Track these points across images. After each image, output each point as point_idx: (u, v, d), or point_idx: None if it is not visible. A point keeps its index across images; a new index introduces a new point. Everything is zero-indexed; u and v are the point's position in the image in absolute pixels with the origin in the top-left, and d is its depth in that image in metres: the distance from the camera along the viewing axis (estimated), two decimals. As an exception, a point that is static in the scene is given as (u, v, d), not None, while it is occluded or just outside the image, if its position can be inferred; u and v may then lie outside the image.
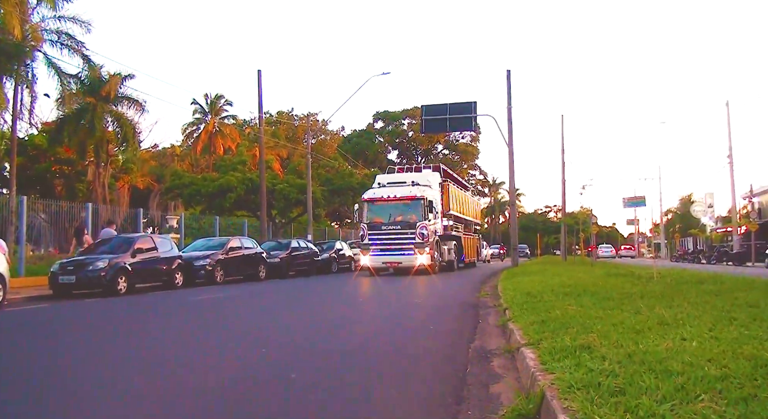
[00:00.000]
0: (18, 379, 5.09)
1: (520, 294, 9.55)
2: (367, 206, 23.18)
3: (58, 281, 14.47)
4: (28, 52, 25.73)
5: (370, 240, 22.56)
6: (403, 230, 22.20)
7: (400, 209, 22.76)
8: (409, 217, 22.42)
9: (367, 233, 22.68)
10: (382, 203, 23.00)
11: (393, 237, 22.25)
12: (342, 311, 10.68)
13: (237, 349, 6.41)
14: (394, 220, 22.59)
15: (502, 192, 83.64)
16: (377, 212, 22.98)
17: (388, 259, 22.46)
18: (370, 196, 23.55)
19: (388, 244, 22.30)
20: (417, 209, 22.41)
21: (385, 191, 23.47)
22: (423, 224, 22.05)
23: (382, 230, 22.48)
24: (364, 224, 22.81)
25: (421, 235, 21.93)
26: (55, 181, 38.48)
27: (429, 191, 23.21)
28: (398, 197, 22.82)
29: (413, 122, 57.87)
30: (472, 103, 25.36)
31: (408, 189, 23.23)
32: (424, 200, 22.37)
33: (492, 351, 5.77)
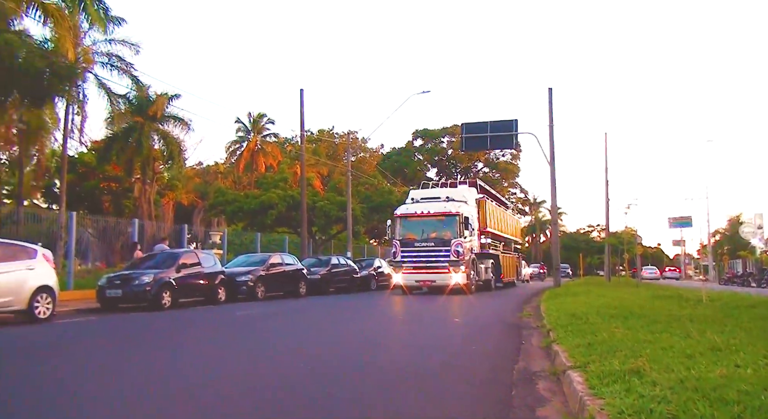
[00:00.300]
0: (70, 389, 5.22)
1: (564, 315, 9.38)
2: (399, 222, 22.33)
3: (106, 294, 14.84)
4: (79, 74, 26.68)
5: (403, 257, 21.67)
6: (438, 248, 21.34)
7: (434, 225, 21.87)
8: (443, 234, 21.53)
9: (399, 250, 21.86)
10: (415, 218, 22.14)
11: (427, 255, 21.36)
12: (382, 329, 10.67)
13: (282, 363, 6.47)
14: (428, 237, 21.72)
15: (543, 211, 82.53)
16: (410, 229, 22.09)
17: (422, 277, 21.53)
18: (403, 211, 22.71)
19: (421, 262, 21.37)
20: (452, 225, 21.51)
21: (419, 207, 22.61)
22: (458, 242, 21.16)
23: (416, 247, 21.59)
24: (397, 240, 22.02)
25: (457, 253, 21.05)
26: (103, 197, 39.63)
27: (465, 207, 22.30)
28: (432, 213, 21.97)
29: (453, 140, 57.76)
30: (513, 121, 25.18)
31: (443, 205, 22.31)
32: (459, 216, 21.50)
33: (537, 373, 5.67)
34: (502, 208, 30.03)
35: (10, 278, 11.32)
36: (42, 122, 30.80)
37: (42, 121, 30.74)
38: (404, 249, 21.70)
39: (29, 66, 23.37)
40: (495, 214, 27.07)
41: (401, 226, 22.19)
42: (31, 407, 4.60)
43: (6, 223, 19.22)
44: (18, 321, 11.79)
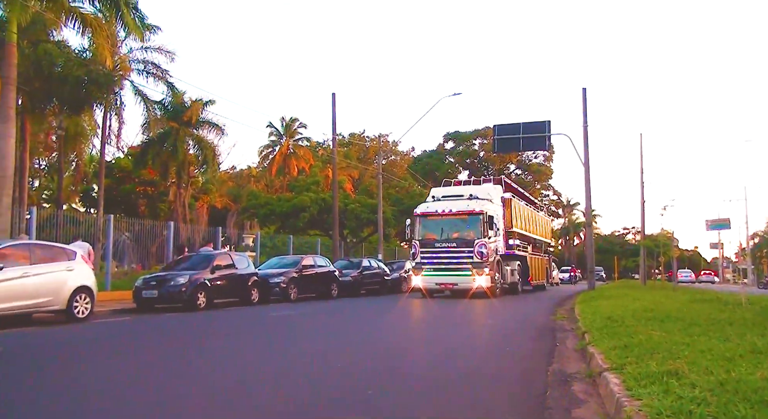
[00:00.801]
0: (109, 386, 5.35)
1: (599, 318, 9.25)
2: (419, 222, 21.15)
3: (142, 295, 15.15)
4: (116, 82, 27.36)
5: (423, 259, 20.57)
6: (460, 249, 20.17)
7: (456, 225, 20.73)
8: (466, 234, 20.37)
9: (419, 250, 20.73)
10: (436, 218, 20.95)
11: (448, 256, 20.22)
12: (414, 331, 10.67)
13: (317, 364, 6.51)
14: (449, 237, 20.58)
15: (577, 213, 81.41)
16: (431, 228, 20.91)
17: (442, 280, 20.42)
18: (423, 210, 21.54)
19: (442, 263, 20.28)
20: (475, 225, 20.27)
21: (440, 206, 21.38)
22: (482, 242, 19.94)
23: (436, 248, 20.48)
24: (416, 241, 20.88)
25: (480, 254, 19.85)
26: (139, 201, 40.50)
27: (489, 206, 21.10)
28: (454, 212, 20.76)
29: (484, 142, 57.42)
30: (546, 122, 24.90)
31: (465, 203, 21.05)
32: (483, 215, 20.24)
33: (572, 374, 5.60)
34: (530, 207, 28.78)
35: (50, 278, 11.66)
36: (81, 128, 31.68)
37: (81, 127, 31.61)
38: (424, 250, 20.66)
39: (68, 75, 24.07)
40: (522, 213, 25.94)
41: (421, 225, 21.10)
42: (74, 402, 4.72)
43: (45, 226, 19.74)
44: (57, 320, 12.12)
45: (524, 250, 25.71)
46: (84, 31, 20.08)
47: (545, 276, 30.62)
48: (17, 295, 10.95)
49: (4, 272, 10.74)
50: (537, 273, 27.77)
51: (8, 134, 17.24)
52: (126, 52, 29.21)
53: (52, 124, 31.90)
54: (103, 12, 19.33)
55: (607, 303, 13.50)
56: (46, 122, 30.61)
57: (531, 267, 26.17)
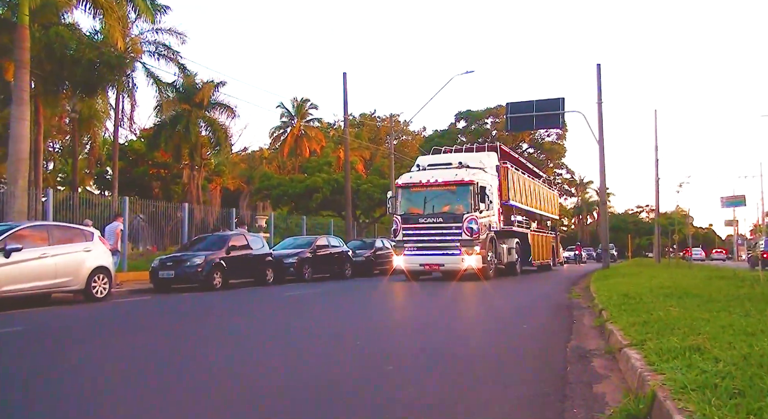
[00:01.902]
0: (128, 362, 5.42)
1: (616, 295, 9.20)
2: (401, 194, 18.83)
3: (159, 275, 15.32)
4: (128, 64, 27.37)
5: (405, 236, 18.30)
6: (447, 224, 17.90)
7: (443, 197, 18.41)
8: (454, 207, 18.10)
9: (401, 227, 18.43)
10: (420, 189, 18.56)
11: (433, 233, 17.98)
12: (430, 310, 10.69)
13: (335, 342, 6.55)
14: (435, 211, 18.30)
15: (590, 192, 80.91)
16: (414, 202, 18.62)
17: (427, 260, 18.10)
18: (405, 180, 19.13)
19: (426, 241, 18.04)
20: (464, 197, 17.96)
21: (425, 175, 18.96)
22: (472, 217, 17.66)
23: (420, 224, 18.19)
24: (398, 216, 18.59)
25: (469, 230, 17.59)
26: (153, 183, 40.73)
27: (481, 175, 18.77)
28: (440, 182, 18.34)
29: (497, 121, 56.98)
30: (560, 99, 24.59)
31: (453, 172, 18.65)
32: (473, 185, 17.90)
33: (591, 351, 5.59)
34: (533, 179, 26.12)
35: (69, 259, 11.82)
36: (94, 111, 31.76)
37: (94, 110, 31.69)
38: (406, 226, 18.37)
39: (80, 57, 24.08)
40: (523, 185, 23.50)
41: (403, 198, 18.79)
42: (94, 379, 4.79)
43: (61, 208, 19.94)
44: (76, 300, 12.29)
45: (525, 226, 23.79)
46: (95, 13, 20.12)
47: (550, 255, 28.05)
48: (36, 275, 11.13)
49: (23, 252, 10.89)
50: (541, 252, 25.52)
51: (23, 117, 17.34)
52: (137, 33, 29.20)
53: (65, 107, 32.02)
54: (114, -7, 19.26)
55: (623, 281, 13.45)
56: (59, 105, 30.68)
57: (534, 246, 23.96)
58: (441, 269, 18.54)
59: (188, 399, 4.06)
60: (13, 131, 17.32)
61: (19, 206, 16.71)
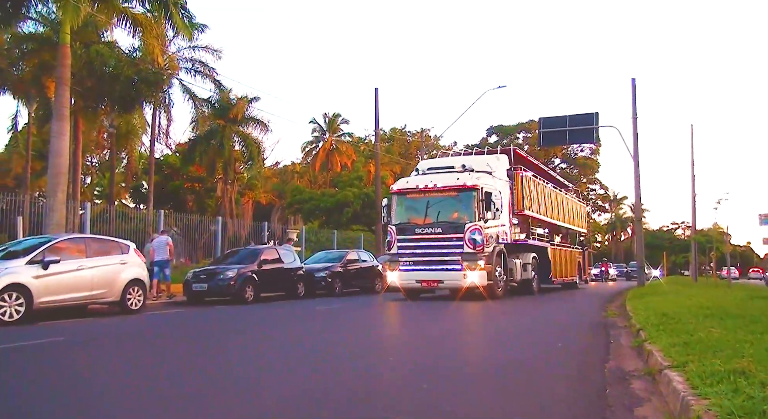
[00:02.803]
0: (168, 373, 5.45)
1: (653, 315, 8.97)
2: (396, 201, 16.86)
3: (192, 288, 15.51)
4: (166, 80, 28.02)
5: (400, 249, 16.29)
6: (447, 236, 15.81)
7: (443, 204, 16.29)
8: (455, 216, 16.13)
9: (395, 238, 16.35)
10: (417, 195, 16.58)
11: (431, 245, 15.93)
12: (461, 326, 10.58)
13: (370, 356, 6.50)
14: (434, 220, 16.22)
15: (624, 207, 79.50)
16: (411, 210, 16.65)
17: (424, 276, 16.02)
18: (400, 186, 17.18)
19: (424, 255, 15.98)
20: (468, 204, 15.91)
21: (423, 180, 16.92)
22: (475, 227, 15.61)
23: (417, 236, 16.13)
24: (392, 226, 16.61)
25: (472, 242, 15.53)
26: (187, 197, 41.40)
27: (488, 180, 16.66)
28: (440, 188, 16.28)
29: (529, 136, 56.69)
30: (594, 114, 24.33)
31: (454, 176, 16.59)
32: (478, 191, 15.83)
33: (630, 372, 5.44)
34: (556, 189, 23.85)
35: (105, 271, 12.03)
36: (131, 126, 32.52)
37: (131, 125, 32.45)
38: (401, 238, 16.30)
39: (119, 74, 24.71)
40: (542, 193, 21.14)
41: (398, 206, 16.80)
42: (131, 387, 4.83)
43: (97, 221, 20.37)
44: (111, 312, 12.48)
45: (545, 239, 21.79)
46: (135, 31, 20.62)
47: (576, 272, 25.36)
48: (73, 287, 11.34)
49: (61, 264, 11.12)
50: (564, 269, 23.13)
51: (63, 133, 17.81)
52: (174, 51, 29.88)
53: (103, 122, 32.86)
54: (153, 12, 19.78)
55: (661, 300, 13.13)
56: (97, 121, 31.51)
57: (555, 261, 21.62)
58: (440, 287, 16.61)
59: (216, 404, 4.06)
60: (53, 146, 17.80)
61: (58, 219, 17.10)
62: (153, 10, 19.61)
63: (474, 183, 16.03)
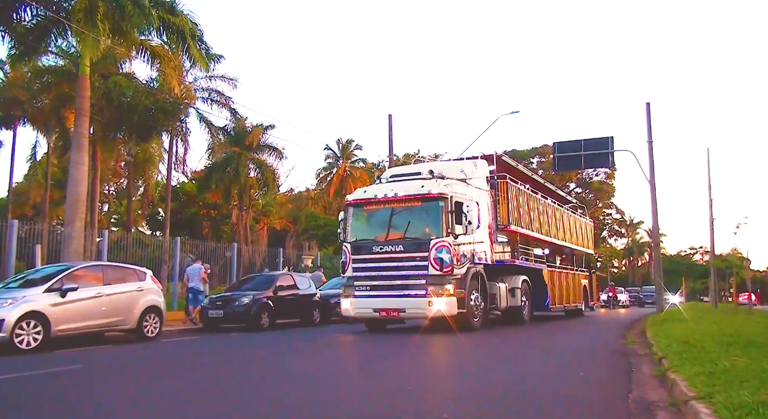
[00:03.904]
0: (182, 400, 5.42)
1: (675, 342, 8.82)
2: (352, 215, 14.35)
3: (208, 315, 15.54)
4: (183, 109, 28.49)
5: (355, 271, 13.76)
6: (409, 255, 13.23)
7: (405, 217, 13.79)
8: (419, 231, 13.53)
9: (350, 259, 13.87)
10: (375, 207, 14.10)
11: (391, 266, 13.36)
12: (481, 354, 10.45)
13: (389, 382, 6.43)
14: (394, 237, 13.63)
15: (641, 232, 78.85)
16: (369, 225, 14.32)
17: (383, 304, 13.34)
18: (357, 196, 14.68)
19: (382, 278, 13.44)
20: (434, 216, 13.40)
21: (382, 189, 14.38)
22: (442, 243, 13.02)
23: (375, 255, 13.58)
24: (347, 244, 14.05)
25: (439, 261, 12.94)
26: (203, 223, 41.74)
27: (460, 189, 14.25)
28: (401, 197, 13.74)
29: (542, 160, 56.65)
30: (609, 138, 24.23)
31: (418, 184, 13.92)
32: (446, 200, 13.35)
33: (654, 402, 5.32)
34: (553, 203, 21.45)
35: (122, 298, 12.09)
36: (149, 155, 33.01)
37: (149, 154, 32.94)
38: (357, 258, 13.81)
39: (137, 104, 25.19)
40: (533, 207, 18.69)
41: (354, 220, 14.32)
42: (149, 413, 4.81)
43: (114, 248, 20.56)
44: (128, 339, 12.49)
45: (541, 260, 19.55)
46: (152, 63, 21.05)
47: (581, 298, 22.86)
48: (91, 314, 11.39)
49: (79, 292, 11.18)
50: (565, 294, 20.77)
51: (81, 162, 18.08)
52: (191, 80, 30.41)
53: (120, 151, 33.37)
54: (170, 44, 20.18)
55: (682, 327, 12.90)
56: (115, 150, 32.02)
57: (553, 285, 19.36)
58: (402, 316, 13.77)
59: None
60: (72, 175, 18.05)
61: (76, 247, 17.27)
62: (170, 43, 20.00)
63: (441, 191, 13.50)
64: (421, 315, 13.22)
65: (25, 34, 18.30)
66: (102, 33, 17.48)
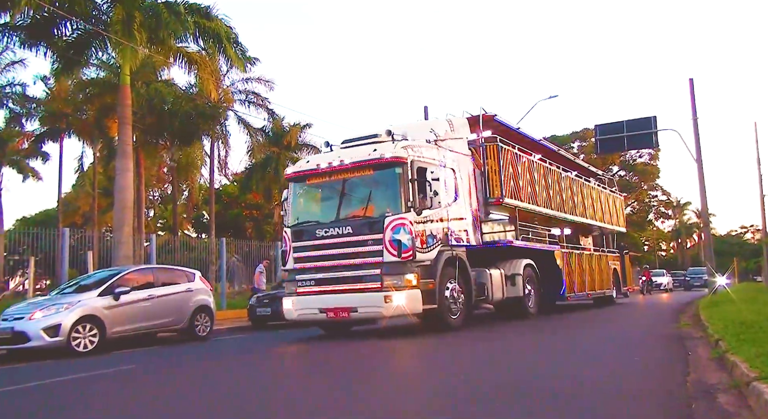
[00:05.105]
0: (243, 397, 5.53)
1: (731, 324, 8.55)
2: (293, 192, 11.83)
3: (256, 313, 15.78)
4: (222, 113, 29.00)
5: (297, 262, 11.17)
6: (359, 238, 10.54)
7: (355, 190, 11.33)
8: (373, 207, 10.94)
9: (290, 247, 11.22)
10: (319, 180, 11.41)
11: (339, 253, 10.67)
12: (541, 343, 10.34)
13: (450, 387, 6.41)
14: (342, 216, 11.06)
15: (689, 213, 76.65)
16: (313, 204, 11.96)
17: (329, 302, 10.66)
18: (297, 168, 11.88)
19: (328, 269, 10.76)
20: (390, 186, 10.80)
21: (327, 157, 11.68)
22: (399, 221, 10.30)
23: (318, 241, 10.88)
24: (287, 229, 11.47)
25: (396, 244, 10.22)
26: (246, 224, 42.42)
27: (426, 152, 11.37)
28: (348, 165, 10.93)
29: (584, 144, 55.57)
30: (652, 118, 23.57)
31: (370, 148, 11.07)
32: (404, 166, 10.60)
33: (714, 385, 5.17)
34: (570, 174, 18.40)
35: (173, 299, 12.41)
36: (191, 159, 33.70)
37: (191, 158, 33.64)
38: (299, 246, 11.15)
39: (177, 110, 25.75)
40: (537, 177, 15.66)
41: (296, 198, 11.84)
42: None
43: (162, 252, 21.10)
44: (181, 339, 12.79)
45: (552, 240, 16.57)
46: (190, 69, 21.44)
47: (611, 284, 19.66)
48: (143, 316, 11.71)
49: (131, 294, 11.53)
50: (589, 279, 17.73)
51: (127, 168, 18.55)
52: (228, 84, 30.92)
53: (163, 157, 34.18)
54: (207, 49, 20.50)
55: (737, 308, 12.49)
56: (158, 156, 32.81)
57: (571, 270, 16.42)
58: (354, 317, 10.67)
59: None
60: (118, 182, 18.55)
61: (125, 252, 17.74)
62: (207, 47, 20.33)
63: (397, 155, 10.64)
64: (376, 314, 10.57)
65: (67, 49, 18.83)
66: (140, 42, 17.86)
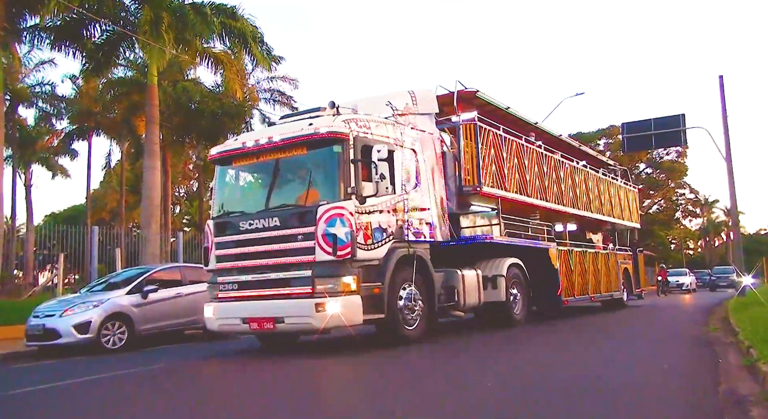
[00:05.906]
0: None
1: (763, 329, 8.37)
2: (218, 178, 10.14)
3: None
4: (247, 111, 29.25)
5: (219, 261, 9.34)
6: (287, 231, 8.61)
7: (286, 174, 9.59)
8: (305, 194, 9.09)
9: (212, 243, 9.41)
10: (247, 162, 9.61)
11: (264, 251, 8.76)
12: (583, 344, 10.26)
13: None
14: (272, 206, 9.10)
15: (717, 211, 75.25)
16: (240, 190, 10.30)
17: (252, 310, 8.78)
18: (222, 148, 10.17)
19: (252, 269, 8.91)
20: (327, 168, 8.97)
21: (256, 134, 10.24)
22: (335, 212, 8.31)
23: (241, 235, 9.03)
24: (209, 222, 9.76)
25: (330, 239, 8.24)
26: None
27: (375, 128, 9.27)
28: (278, 143, 8.99)
29: (610, 142, 54.78)
30: (680, 115, 23.18)
31: (305, 123, 9.13)
32: (344, 143, 8.63)
33: (746, 396, 5.07)
34: (572, 162, 16.34)
35: (200, 297, 12.43)
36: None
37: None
38: (221, 241, 9.32)
39: (204, 109, 26.04)
40: (529, 163, 13.68)
41: (221, 186, 10.14)
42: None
43: (188, 249, 21.31)
44: (206, 337, 12.89)
45: (543, 235, 14.17)
46: (216, 68, 21.65)
47: (619, 285, 17.77)
48: (171, 314, 11.90)
49: (159, 293, 11.72)
50: (593, 280, 15.90)
51: (154, 167, 18.81)
52: (254, 83, 31.16)
53: (189, 155, 34.54)
54: (232, 48, 20.68)
55: (766, 311, 12.24)
56: (184, 153, 33.16)
57: (569, 270, 14.55)
58: (280, 328, 8.64)
59: None
60: (145, 180, 18.82)
61: (152, 249, 18.01)
62: (233, 47, 20.52)
63: (336, 130, 8.67)
64: (306, 326, 8.50)
65: (96, 50, 19.16)
66: (167, 43, 18.08)
